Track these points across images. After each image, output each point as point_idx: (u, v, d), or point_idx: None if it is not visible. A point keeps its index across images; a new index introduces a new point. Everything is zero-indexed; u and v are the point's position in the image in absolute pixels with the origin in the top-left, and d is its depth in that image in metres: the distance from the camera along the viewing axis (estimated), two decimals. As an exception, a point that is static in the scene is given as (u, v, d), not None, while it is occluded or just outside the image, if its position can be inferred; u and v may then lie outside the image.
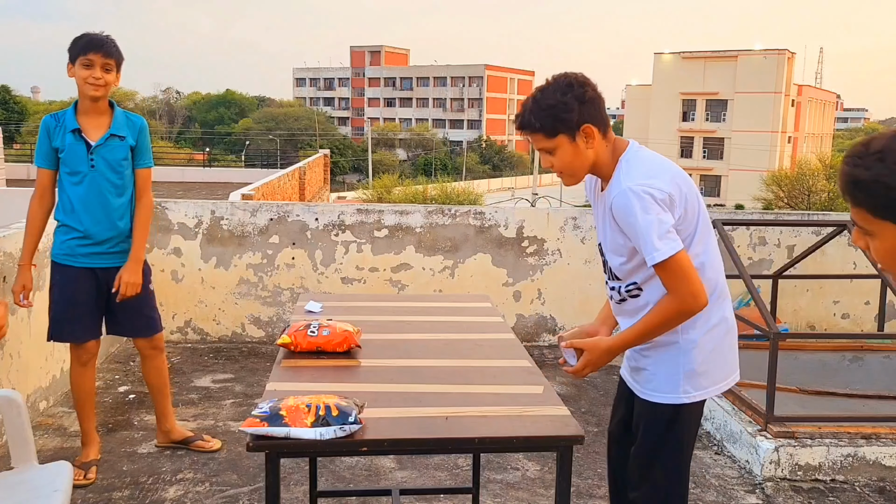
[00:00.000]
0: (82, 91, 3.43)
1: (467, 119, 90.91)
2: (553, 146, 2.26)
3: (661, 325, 2.27)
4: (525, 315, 6.11)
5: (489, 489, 3.64)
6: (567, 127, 2.23)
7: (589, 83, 2.26)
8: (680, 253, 2.15)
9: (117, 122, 3.52)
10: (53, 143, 3.44)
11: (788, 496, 3.69)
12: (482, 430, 2.04)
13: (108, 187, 3.49)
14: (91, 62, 3.38)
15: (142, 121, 3.65)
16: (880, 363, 5.42)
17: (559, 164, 2.29)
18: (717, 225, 4.75)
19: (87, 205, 3.46)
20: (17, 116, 62.30)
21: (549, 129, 2.24)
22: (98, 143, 3.46)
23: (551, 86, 2.25)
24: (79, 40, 3.42)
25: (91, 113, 3.48)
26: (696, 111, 62.97)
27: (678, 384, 2.34)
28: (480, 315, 3.12)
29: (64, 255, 3.51)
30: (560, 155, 2.27)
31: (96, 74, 3.39)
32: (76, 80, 3.42)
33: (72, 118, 3.46)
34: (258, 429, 1.90)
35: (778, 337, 3.90)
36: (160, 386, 3.89)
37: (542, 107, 2.24)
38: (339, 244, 5.95)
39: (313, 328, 2.56)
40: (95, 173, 3.45)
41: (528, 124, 2.27)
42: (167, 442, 3.97)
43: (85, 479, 3.57)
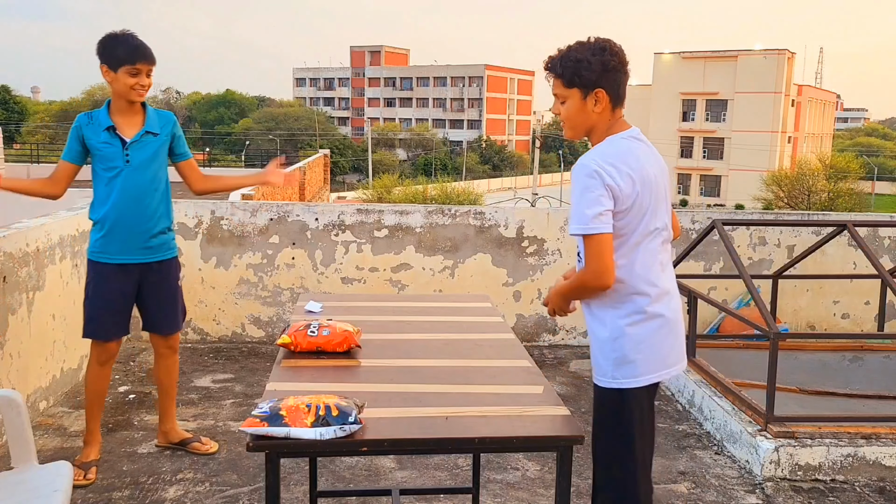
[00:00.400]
0: (123, 95, 3.48)
1: (467, 119, 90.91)
2: (566, 95, 2.44)
3: (576, 290, 2.47)
4: (525, 315, 6.11)
5: (489, 489, 3.64)
6: (583, 84, 2.40)
7: (621, 56, 2.43)
8: (603, 235, 2.30)
9: (150, 119, 3.60)
10: (87, 142, 3.50)
11: (788, 496, 3.69)
12: (482, 430, 2.04)
13: (143, 183, 3.54)
14: (139, 71, 3.46)
15: (172, 115, 3.76)
16: (880, 363, 5.43)
17: (565, 114, 2.47)
18: (718, 225, 4.76)
19: (122, 200, 3.50)
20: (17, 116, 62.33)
21: (568, 78, 2.42)
22: (133, 140, 3.52)
23: (589, 44, 2.42)
24: (118, 46, 3.45)
25: (126, 112, 3.55)
26: (696, 111, 63.00)
27: (609, 369, 2.45)
28: (480, 315, 3.12)
29: (99, 252, 3.54)
30: (569, 105, 2.45)
31: (143, 82, 3.48)
32: (117, 84, 3.47)
33: (106, 116, 3.52)
34: (258, 429, 1.90)
35: (778, 337, 3.90)
36: (168, 386, 3.91)
37: (570, 58, 2.41)
38: (339, 244, 5.95)
39: (313, 328, 2.56)
40: (130, 169, 3.51)
41: (553, 67, 2.46)
42: (166, 443, 3.98)
43: (85, 480, 3.57)
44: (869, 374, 5.35)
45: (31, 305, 4.23)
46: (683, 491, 3.72)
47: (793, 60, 60.77)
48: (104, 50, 3.47)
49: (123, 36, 3.48)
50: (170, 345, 3.84)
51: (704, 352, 5.01)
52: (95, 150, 3.50)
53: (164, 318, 3.75)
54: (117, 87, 3.48)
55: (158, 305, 3.70)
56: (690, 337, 4.93)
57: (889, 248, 6.35)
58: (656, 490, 3.71)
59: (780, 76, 58.83)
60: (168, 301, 3.72)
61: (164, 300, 3.71)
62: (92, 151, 3.52)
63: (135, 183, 3.51)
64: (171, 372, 3.91)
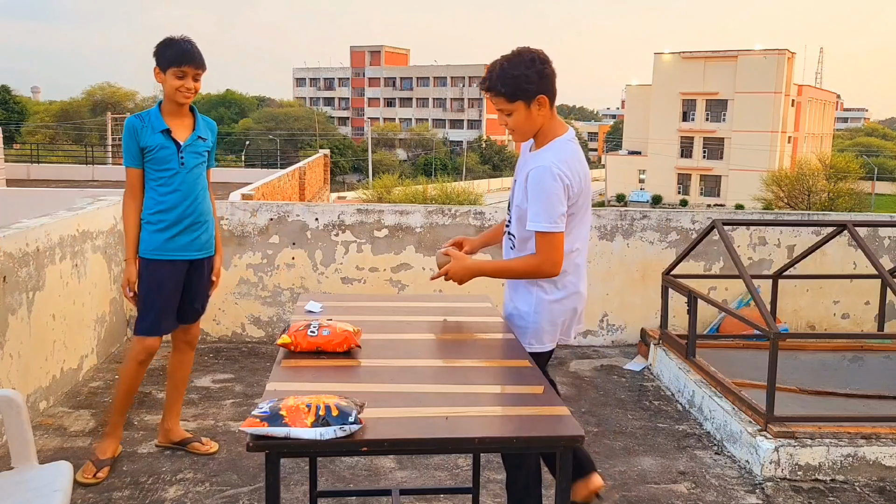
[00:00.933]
0: (172, 97, 3.57)
1: (467, 119, 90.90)
2: (511, 109, 2.75)
3: (519, 272, 2.86)
4: (525, 315, 6.11)
5: (489, 489, 3.64)
6: (526, 95, 2.72)
7: (548, 60, 2.75)
8: (561, 233, 2.73)
9: (200, 124, 3.72)
10: (141, 143, 3.56)
11: (788, 496, 3.69)
12: (482, 430, 2.04)
13: (196, 184, 3.67)
14: (185, 73, 3.54)
15: (215, 124, 3.92)
16: (880, 363, 5.43)
17: (513, 124, 2.79)
18: (718, 225, 4.76)
19: (179, 200, 3.62)
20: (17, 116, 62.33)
21: (510, 94, 2.72)
22: (187, 143, 3.63)
23: (517, 58, 2.72)
24: (168, 48, 3.54)
25: (177, 115, 3.64)
26: (696, 111, 62.98)
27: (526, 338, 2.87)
28: (480, 315, 3.11)
29: (154, 251, 3.62)
30: (515, 117, 2.77)
31: (188, 85, 3.56)
32: (165, 86, 3.56)
33: (159, 119, 3.60)
34: (258, 429, 1.90)
35: (778, 337, 3.90)
36: (180, 380, 4.00)
37: (509, 75, 2.70)
38: (339, 244, 5.95)
39: (313, 328, 2.56)
40: (185, 171, 3.62)
41: (494, 88, 2.74)
42: (166, 442, 3.98)
43: (94, 478, 3.57)
44: (869, 374, 5.35)
45: (31, 305, 4.24)
46: (683, 491, 3.72)
47: (793, 60, 60.77)
48: (157, 52, 3.57)
49: (177, 40, 3.58)
50: (189, 339, 3.96)
51: (704, 352, 5.01)
52: (150, 152, 3.58)
53: (194, 311, 3.87)
54: (166, 88, 3.57)
55: (195, 299, 3.82)
56: (690, 337, 4.93)
57: (889, 248, 6.35)
58: (656, 490, 3.72)
59: (780, 76, 58.82)
60: (204, 295, 3.88)
61: (201, 295, 3.86)
62: (145, 154, 3.59)
63: (188, 184, 3.64)
64: (185, 366, 4.00)
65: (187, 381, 4.08)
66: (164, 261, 3.65)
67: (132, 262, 3.64)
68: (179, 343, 3.96)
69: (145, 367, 3.78)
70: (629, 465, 3.98)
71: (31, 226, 4.39)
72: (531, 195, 2.72)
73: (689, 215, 6.21)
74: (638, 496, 3.65)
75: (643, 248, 6.12)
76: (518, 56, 2.71)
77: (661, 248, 6.12)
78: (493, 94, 2.74)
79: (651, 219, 6.15)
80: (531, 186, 2.72)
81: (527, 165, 2.79)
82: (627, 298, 6.15)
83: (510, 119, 2.77)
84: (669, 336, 5.28)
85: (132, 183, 3.64)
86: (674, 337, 5.22)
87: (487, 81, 2.74)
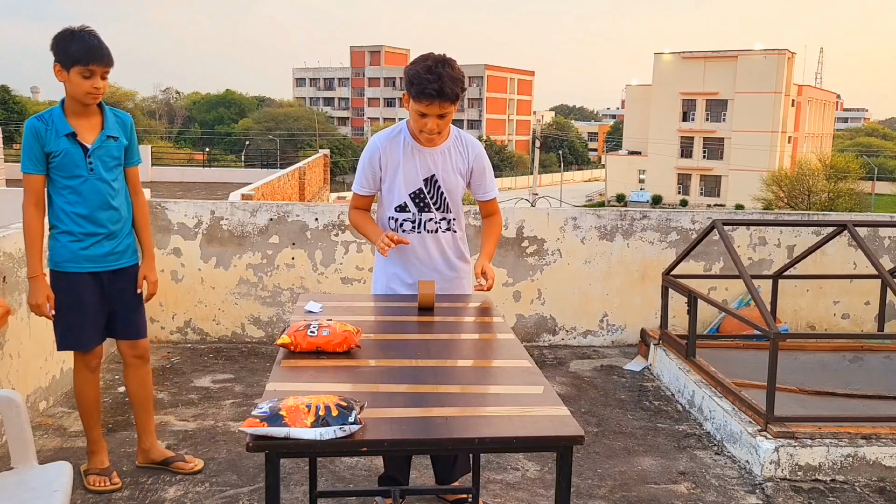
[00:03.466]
0: (78, 98, 3.27)
1: (467, 119, 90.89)
2: (450, 111, 3.01)
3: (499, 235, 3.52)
4: (525, 315, 6.11)
5: (489, 489, 3.64)
6: (460, 97, 2.99)
7: None
8: None
9: (109, 122, 3.40)
10: (46, 148, 3.26)
11: (788, 496, 3.69)
12: (482, 430, 2.03)
13: (108, 189, 3.38)
14: (92, 73, 3.23)
15: (130, 118, 3.55)
16: (880, 363, 5.43)
17: (443, 126, 3.05)
18: (718, 225, 4.76)
19: (88, 208, 3.34)
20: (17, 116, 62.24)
21: (456, 97, 2.97)
22: (95, 146, 3.33)
23: (448, 61, 2.95)
24: (71, 44, 3.21)
25: (82, 115, 3.33)
26: (696, 111, 62.99)
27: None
28: (480, 315, 3.11)
29: (66, 262, 3.36)
30: (447, 118, 3.03)
31: (97, 84, 3.26)
32: (69, 86, 3.25)
33: (63, 121, 3.29)
34: (258, 429, 1.90)
35: (778, 337, 3.90)
36: (143, 398, 3.70)
37: (455, 80, 2.93)
38: (339, 244, 5.95)
39: (313, 328, 2.56)
40: (94, 177, 3.33)
41: (452, 93, 2.94)
42: (147, 462, 3.75)
43: (112, 485, 3.47)
44: (869, 374, 5.35)
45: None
46: (683, 491, 3.72)
47: (793, 60, 60.77)
48: (57, 47, 3.22)
49: (80, 33, 3.22)
50: (139, 353, 3.64)
51: (704, 352, 5.01)
52: (54, 156, 3.27)
53: (131, 324, 3.58)
54: (69, 88, 3.25)
55: (126, 312, 3.54)
56: (690, 337, 4.93)
57: (889, 248, 6.35)
58: (656, 490, 3.72)
59: (780, 76, 58.82)
60: (134, 307, 3.57)
61: (132, 306, 3.55)
62: (50, 160, 3.28)
63: (99, 191, 3.34)
64: (145, 383, 3.69)
65: (152, 397, 3.77)
66: (76, 272, 3.36)
67: (42, 278, 3.32)
68: (129, 359, 3.64)
69: (97, 372, 3.56)
70: (629, 465, 3.98)
71: (31, 226, 4.37)
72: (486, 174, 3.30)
73: (689, 215, 6.21)
74: (638, 496, 3.65)
75: (643, 248, 6.12)
76: (446, 59, 2.95)
77: (661, 248, 6.12)
78: (451, 100, 2.94)
79: (651, 219, 6.15)
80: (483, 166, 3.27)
81: (447, 154, 3.19)
82: (627, 298, 6.15)
83: (444, 122, 3.03)
84: (669, 336, 5.28)
85: (35, 190, 3.31)
86: (674, 337, 5.21)
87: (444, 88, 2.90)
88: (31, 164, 3.30)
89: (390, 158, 3.20)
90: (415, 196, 3.22)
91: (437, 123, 3.00)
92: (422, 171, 3.19)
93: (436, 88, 2.89)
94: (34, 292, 3.33)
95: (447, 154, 3.20)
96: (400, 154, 3.18)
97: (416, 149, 3.18)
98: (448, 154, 3.20)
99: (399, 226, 3.25)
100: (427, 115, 2.98)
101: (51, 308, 3.36)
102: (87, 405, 3.57)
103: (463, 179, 3.25)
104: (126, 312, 3.55)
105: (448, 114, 3.00)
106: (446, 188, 3.23)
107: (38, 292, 3.33)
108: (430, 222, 3.26)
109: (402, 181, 3.20)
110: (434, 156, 3.18)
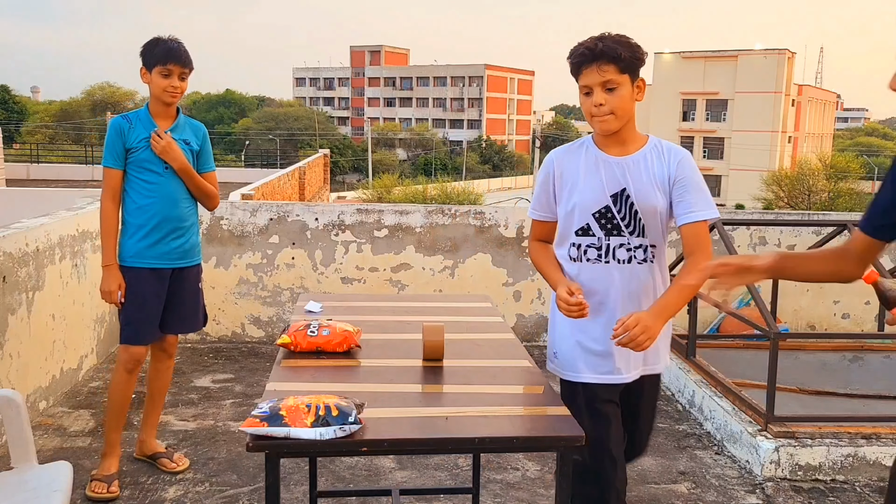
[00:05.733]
0: (158, 97, 3.47)
1: (467, 119, 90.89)
2: (618, 83, 2.39)
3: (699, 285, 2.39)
4: (525, 315, 6.11)
5: (489, 489, 3.64)
6: (635, 70, 2.43)
7: None
8: None
9: (179, 124, 3.57)
10: (127, 144, 3.45)
11: (789, 496, 3.69)
12: (482, 430, 2.03)
13: (181, 189, 3.54)
14: (170, 72, 3.43)
15: (203, 127, 3.75)
16: (880, 363, 5.43)
17: (615, 103, 2.41)
18: (718, 225, 4.75)
19: (161, 206, 3.48)
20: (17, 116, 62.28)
21: (625, 63, 2.38)
22: None
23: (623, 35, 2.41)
24: (154, 47, 3.45)
25: (162, 117, 3.53)
26: (696, 111, 62.99)
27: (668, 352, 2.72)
28: (480, 315, 3.11)
29: (133, 258, 3.49)
30: (618, 93, 2.40)
31: (174, 84, 3.45)
32: (152, 86, 3.47)
33: (149, 118, 3.50)
34: (258, 429, 1.90)
35: (778, 337, 3.90)
36: (157, 390, 3.82)
37: (628, 42, 2.40)
38: (339, 244, 5.95)
39: (313, 328, 2.56)
40: (169, 174, 3.50)
41: (611, 51, 2.36)
42: (140, 454, 3.82)
43: (108, 493, 3.44)
44: (869, 374, 5.35)
45: (30, 305, 4.23)
46: (683, 491, 3.72)
47: (793, 60, 60.76)
48: (143, 51, 3.48)
49: (164, 39, 3.48)
50: (164, 347, 3.77)
51: (704, 352, 5.01)
52: (133, 153, 3.46)
53: (187, 321, 3.73)
54: (152, 88, 3.48)
55: (184, 308, 3.67)
56: (690, 337, 4.93)
57: (889, 247, 6.34)
58: (656, 490, 3.72)
59: (780, 76, 58.82)
60: (193, 304, 3.72)
61: (190, 304, 3.69)
62: (129, 155, 3.47)
63: (173, 189, 3.52)
64: (163, 376, 3.82)
65: (165, 392, 3.88)
66: (143, 268, 3.49)
67: (115, 267, 3.47)
68: (155, 351, 3.77)
69: (135, 376, 3.61)
70: (629, 466, 3.97)
71: (31, 226, 4.39)
72: (696, 188, 2.47)
73: (689, 215, 6.20)
74: (638, 496, 3.64)
75: (643, 247, 6.11)
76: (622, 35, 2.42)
77: (661, 248, 6.12)
78: (606, 60, 2.36)
79: (651, 219, 6.15)
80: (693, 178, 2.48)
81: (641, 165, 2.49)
82: (627, 298, 6.14)
83: (613, 96, 2.40)
84: (669, 336, 5.28)
85: (112, 185, 3.47)
86: (674, 337, 5.21)
87: (602, 45, 2.37)
88: (111, 158, 3.47)
89: (567, 171, 2.55)
90: (600, 215, 2.51)
91: (606, 98, 2.39)
92: (609, 184, 2.49)
93: (588, 46, 2.38)
94: (106, 279, 3.47)
95: (641, 163, 2.50)
96: (580, 165, 2.54)
97: (601, 160, 2.51)
98: (643, 163, 2.50)
99: (583, 253, 2.54)
100: (590, 88, 2.41)
101: (121, 296, 3.47)
102: (116, 405, 3.60)
103: (664, 196, 2.49)
104: (185, 310, 3.67)
105: (617, 85, 2.38)
106: (640, 205, 2.48)
107: (110, 280, 3.46)
108: (620, 249, 2.51)
109: (583, 196, 2.52)
110: (624, 166, 2.50)
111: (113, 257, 3.47)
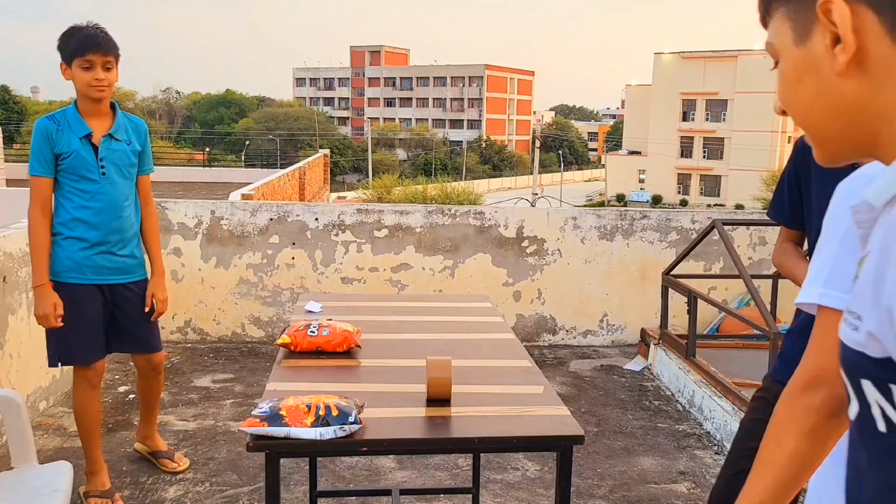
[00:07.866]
0: (84, 94, 3.14)
1: (467, 119, 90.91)
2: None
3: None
4: (525, 315, 6.11)
5: (489, 489, 3.64)
6: None
7: None
8: None
9: (118, 124, 3.25)
10: (56, 149, 3.10)
11: (788, 496, 3.69)
12: (482, 430, 2.03)
13: (120, 196, 3.23)
14: (91, 63, 3.07)
15: (144, 124, 3.43)
16: (880, 363, 5.42)
17: None
18: (718, 225, 4.76)
19: (98, 216, 3.17)
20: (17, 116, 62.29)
21: None
22: (109, 150, 3.21)
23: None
24: (70, 38, 3.09)
25: (94, 116, 3.18)
26: (696, 111, 62.97)
27: None
28: (480, 315, 3.11)
29: (68, 273, 3.17)
30: None
31: (98, 76, 3.09)
32: (75, 82, 3.12)
33: (79, 120, 3.16)
34: (258, 429, 1.90)
35: (778, 337, 3.90)
36: (151, 399, 3.69)
37: None
38: (339, 244, 5.95)
39: (313, 328, 2.56)
40: (106, 181, 3.17)
41: None
42: (141, 449, 3.79)
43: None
44: (869, 374, 5.35)
45: (30, 305, 4.23)
46: (683, 491, 3.72)
47: (793, 60, 60.68)
48: (59, 44, 3.10)
49: (80, 27, 3.10)
50: (153, 366, 3.54)
51: (704, 352, 5.01)
52: (64, 158, 3.11)
53: (142, 340, 3.46)
54: (76, 84, 3.12)
55: (136, 327, 3.39)
56: (690, 337, 4.93)
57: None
58: (656, 490, 3.72)
59: (780, 76, 58.76)
60: (144, 322, 3.42)
61: (141, 322, 3.40)
62: (59, 162, 3.11)
63: (111, 197, 3.20)
64: (154, 390, 3.65)
65: (159, 398, 3.76)
66: (79, 284, 3.17)
67: (48, 286, 3.11)
68: (143, 370, 3.56)
69: (98, 390, 3.36)
70: (629, 465, 3.98)
71: (31, 226, 4.38)
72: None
73: (689, 215, 6.21)
74: (638, 496, 3.65)
75: (643, 248, 6.12)
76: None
77: (661, 248, 6.12)
78: None
79: (651, 219, 6.16)
80: None
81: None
82: (627, 298, 6.15)
83: None
84: (669, 336, 5.28)
85: (42, 195, 3.11)
86: (674, 337, 5.22)
87: None
88: (39, 165, 3.11)
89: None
90: None
91: None
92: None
93: None
94: (40, 302, 3.12)
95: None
96: None
97: None
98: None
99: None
100: None
101: (58, 318, 3.13)
102: (87, 424, 3.36)
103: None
104: (135, 328, 3.40)
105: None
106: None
107: (44, 302, 3.11)
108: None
109: None
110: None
111: (45, 275, 3.12)
